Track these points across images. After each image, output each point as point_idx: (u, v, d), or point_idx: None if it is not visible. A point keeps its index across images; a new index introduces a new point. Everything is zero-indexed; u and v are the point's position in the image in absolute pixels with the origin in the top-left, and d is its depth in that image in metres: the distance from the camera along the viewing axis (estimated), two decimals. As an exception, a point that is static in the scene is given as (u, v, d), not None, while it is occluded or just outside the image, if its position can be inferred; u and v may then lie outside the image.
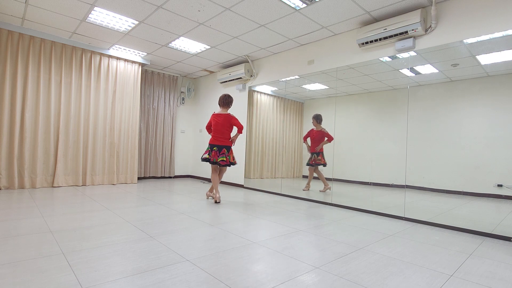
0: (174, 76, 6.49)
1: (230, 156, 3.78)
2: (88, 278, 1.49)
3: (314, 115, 4.40)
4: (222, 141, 3.76)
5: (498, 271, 1.80)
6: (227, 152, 3.76)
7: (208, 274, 1.60)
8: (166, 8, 3.44)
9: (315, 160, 4.36)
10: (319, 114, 4.34)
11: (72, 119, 4.73)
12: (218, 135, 3.78)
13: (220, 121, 3.77)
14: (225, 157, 3.73)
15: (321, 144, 4.23)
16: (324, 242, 2.28)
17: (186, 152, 6.84)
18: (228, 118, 3.77)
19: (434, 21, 3.02)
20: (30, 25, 4.12)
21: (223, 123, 3.76)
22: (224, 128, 3.76)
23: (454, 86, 3.18)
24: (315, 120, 4.39)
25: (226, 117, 3.76)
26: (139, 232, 2.36)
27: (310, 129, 4.50)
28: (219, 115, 3.80)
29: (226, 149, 3.76)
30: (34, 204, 3.23)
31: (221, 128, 3.76)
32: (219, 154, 3.72)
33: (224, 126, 3.76)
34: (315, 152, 4.36)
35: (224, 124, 3.76)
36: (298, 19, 3.59)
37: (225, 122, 3.76)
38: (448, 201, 3.17)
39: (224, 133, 3.77)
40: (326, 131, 4.23)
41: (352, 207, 3.68)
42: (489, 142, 2.91)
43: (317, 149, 4.29)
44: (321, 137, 4.29)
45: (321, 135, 4.29)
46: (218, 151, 3.74)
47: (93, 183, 4.94)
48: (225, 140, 3.78)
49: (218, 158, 3.71)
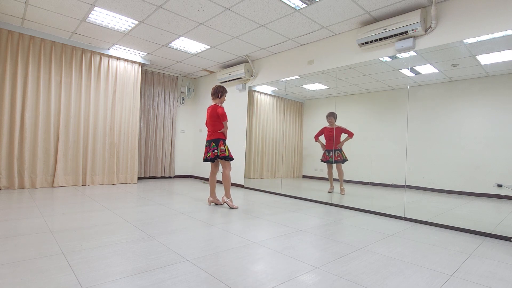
0: (174, 76, 6.49)
1: (219, 149, 3.49)
2: (88, 278, 1.49)
3: (330, 113, 4.26)
4: (210, 134, 3.58)
5: (498, 271, 1.80)
6: (216, 146, 3.51)
7: (208, 274, 1.60)
8: (166, 8, 3.44)
9: (334, 156, 4.22)
10: (334, 112, 4.23)
11: (72, 119, 4.73)
12: (208, 128, 3.62)
13: (208, 114, 3.61)
14: (212, 151, 3.50)
15: (343, 141, 4.12)
16: (324, 242, 2.27)
17: (186, 152, 6.83)
18: (214, 109, 3.54)
19: (434, 21, 3.02)
20: (30, 25, 4.12)
21: (210, 115, 3.57)
22: (211, 121, 3.55)
23: (454, 86, 3.18)
24: (332, 118, 4.24)
25: (212, 109, 3.56)
26: (139, 232, 2.36)
27: (322, 127, 4.40)
28: (208, 107, 3.66)
29: (214, 142, 3.53)
30: (34, 204, 3.23)
31: (209, 121, 3.59)
32: (209, 149, 3.54)
33: (211, 119, 3.56)
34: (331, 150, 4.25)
35: (210, 117, 3.56)
36: (298, 19, 3.58)
37: (211, 114, 3.56)
38: (448, 201, 3.17)
39: (213, 126, 3.54)
40: (344, 128, 4.11)
41: (352, 207, 3.68)
42: (489, 142, 2.91)
43: (338, 146, 4.15)
44: (339, 134, 4.19)
45: (339, 131, 4.17)
46: (209, 147, 3.56)
47: (93, 183, 4.94)
48: (213, 133, 3.55)
49: (208, 153, 3.54)
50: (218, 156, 3.47)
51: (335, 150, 4.19)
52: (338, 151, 4.17)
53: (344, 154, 4.13)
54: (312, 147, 4.79)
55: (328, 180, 4.30)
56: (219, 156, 3.47)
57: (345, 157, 4.12)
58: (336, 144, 4.19)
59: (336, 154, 4.18)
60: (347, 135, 4.09)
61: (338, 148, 4.17)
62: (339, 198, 3.94)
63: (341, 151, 4.15)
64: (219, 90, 3.65)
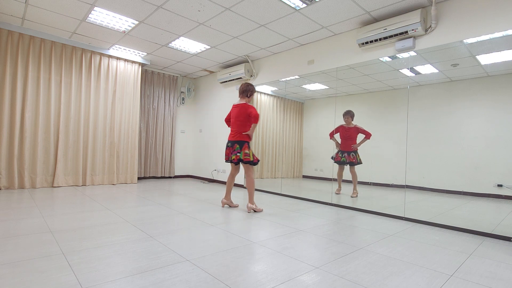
0: (174, 76, 6.49)
1: (242, 152, 3.25)
2: (88, 278, 1.49)
3: (346, 111, 4.05)
4: (234, 135, 3.33)
5: (498, 271, 1.80)
6: (240, 148, 3.27)
7: (208, 274, 1.60)
8: (166, 8, 3.44)
9: (348, 158, 4.03)
10: (351, 110, 4.05)
11: (72, 119, 4.73)
12: (233, 128, 3.36)
13: (235, 113, 3.35)
14: (235, 154, 3.28)
15: (360, 142, 3.93)
16: (324, 242, 2.27)
17: (186, 152, 6.83)
18: (243, 108, 3.27)
19: (434, 21, 3.02)
20: (30, 25, 4.12)
21: (237, 115, 3.31)
22: (238, 121, 3.31)
23: (454, 86, 3.18)
24: (349, 117, 4.03)
25: (241, 108, 3.30)
26: (139, 232, 2.35)
27: (339, 125, 4.14)
28: (235, 106, 3.39)
29: (239, 144, 3.29)
30: (34, 204, 3.23)
31: (235, 121, 3.33)
32: (232, 151, 3.32)
33: (238, 118, 3.30)
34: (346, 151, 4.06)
35: (238, 116, 3.31)
36: (298, 19, 3.58)
37: (239, 113, 3.29)
38: (448, 201, 3.17)
39: (239, 126, 3.30)
40: (361, 128, 3.92)
41: (352, 207, 3.68)
42: (489, 142, 2.91)
43: (354, 147, 3.98)
44: (355, 134, 3.97)
45: (355, 131, 3.96)
46: (232, 148, 3.33)
47: (93, 183, 4.94)
48: (238, 134, 3.31)
49: (231, 155, 3.31)
50: (241, 160, 3.26)
51: (350, 152, 4.01)
52: (353, 153, 3.99)
53: (359, 157, 3.95)
54: (312, 148, 4.79)
55: (328, 180, 4.30)
56: (243, 160, 3.25)
57: (360, 160, 3.95)
58: (352, 145, 3.99)
59: (352, 156, 4.00)
60: (364, 136, 3.92)
61: (353, 149, 3.99)
62: (338, 198, 3.94)
63: (356, 153, 3.97)
64: (249, 88, 3.39)
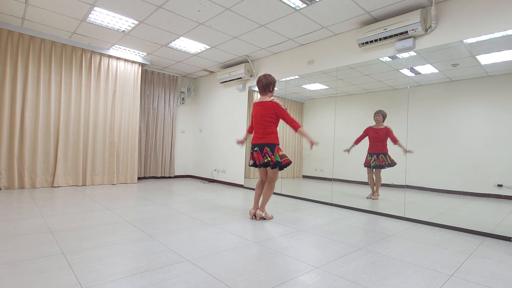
0: (174, 76, 6.49)
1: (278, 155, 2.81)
2: (88, 278, 1.49)
3: (378, 110, 3.77)
4: (261, 137, 2.87)
5: (498, 271, 1.80)
6: (271, 151, 2.80)
7: (208, 274, 1.60)
8: (166, 8, 3.44)
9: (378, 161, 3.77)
10: (382, 110, 3.76)
11: (72, 119, 4.73)
12: (258, 130, 2.89)
13: (259, 112, 2.87)
14: (269, 157, 2.80)
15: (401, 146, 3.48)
16: (324, 242, 2.28)
17: (186, 152, 6.83)
18: (270, 106, 2.81)
19: (434, 21, 3.02)
20: (30, 25, 4.12)
21: (262, 114, 2.84)
22: (263, 120, 2.84)
23: (454, 86, 3.18)
24: (381, 115, 3.74)
25: (265, 105, 2.84)
26: (139, 232, 2.36)
27: (367, 127, 3.89)
28: (257, 104, 2.91)
29: (269, 147, 2.81)
30: (34, 204, 3.23)
31: (259, 120, 2.86)
32: (264, 154, 2.83)
33: (263, 118, 2.83)
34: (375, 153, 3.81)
35: (263, 115, 2.83)
36: (298, 19, 3.58)
37: (265, 112, 2.83)
38: (448, 201, 3.17)
39: (265, 127, 2.84)
40: (391, 131, 3.63)
41: (352, 207, 3.68)
42: (489, 142, 2.91)
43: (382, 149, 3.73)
44: (385, 135, 3.70)
45: (385, 133, 3.70)
46: (260, 151, 2.85)
47: (93, 183, 4.94)
48: (266, 136, 2.84)
49: (264, 159, 2.82)
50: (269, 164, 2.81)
51: (379, 153, 3.74)
52: (382, 155, 3.72)
53: (389, 159, 3.65)
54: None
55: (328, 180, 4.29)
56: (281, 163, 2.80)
57: (389, 162, 3.65)
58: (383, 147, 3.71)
59: (381, 159, 3.73)
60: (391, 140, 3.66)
61: (383, 151, 3.71)
62: (338, 198, 3.94)
63: (386, 155, 3.68)
64: (270, 81, 2.90)
